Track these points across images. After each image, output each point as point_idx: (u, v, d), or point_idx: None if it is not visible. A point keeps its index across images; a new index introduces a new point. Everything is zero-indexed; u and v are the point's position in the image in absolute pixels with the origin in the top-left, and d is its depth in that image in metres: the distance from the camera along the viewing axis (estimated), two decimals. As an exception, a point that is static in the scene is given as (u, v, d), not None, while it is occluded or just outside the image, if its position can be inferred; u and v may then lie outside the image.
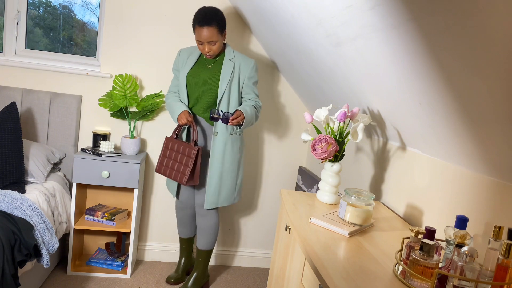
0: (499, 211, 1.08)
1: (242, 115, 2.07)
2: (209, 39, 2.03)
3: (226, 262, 2.88)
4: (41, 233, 1.84)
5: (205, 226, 2.33)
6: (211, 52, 2.09)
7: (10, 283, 1.56)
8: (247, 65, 2.20)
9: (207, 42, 2.05)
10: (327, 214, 1.41)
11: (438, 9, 0.83)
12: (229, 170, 2.25)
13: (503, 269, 0.86)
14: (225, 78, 2.15)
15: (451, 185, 1.30)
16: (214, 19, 2.01)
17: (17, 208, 1.80)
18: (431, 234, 0.98)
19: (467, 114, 1.03)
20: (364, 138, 1.98)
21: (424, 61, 1.03)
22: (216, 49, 2.09)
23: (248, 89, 2.22)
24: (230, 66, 2.16)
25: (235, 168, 2.27)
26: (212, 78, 2.17)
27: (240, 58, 2.20)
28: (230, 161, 2.24)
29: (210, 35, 2.02)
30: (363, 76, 1.49)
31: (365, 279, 0.99)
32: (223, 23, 2.07)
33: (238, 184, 2.34)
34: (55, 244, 1.91)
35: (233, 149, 2.24)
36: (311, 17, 1.49)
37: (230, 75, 2.15)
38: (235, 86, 2.18)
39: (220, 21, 2.05)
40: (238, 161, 2.29)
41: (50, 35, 2.64)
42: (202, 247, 2.37)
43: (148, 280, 2.51)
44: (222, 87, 2.14)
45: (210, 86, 2.17)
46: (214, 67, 2.18)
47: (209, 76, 2.17)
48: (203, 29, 2.01)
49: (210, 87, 2.17)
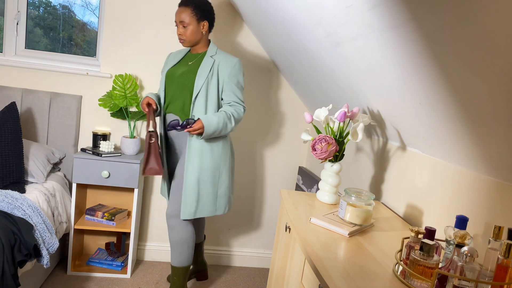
0: (499, 211, 1.08)
1: (202, 128, 1.92)
2: (180, 19, 1.97)
3: (226, 262, 2.88)
4: (41, 233, 1.84)
5: (176, 241, 2.10)
6: (183, 36, 2.01)
7: (10, 283, 1.56)
8: (229, 62, 2.03)
9: (179, 22, 1.99)
10: (327, 214, 1.41)
11: (438, 9, 0.83)
12: (208, 177, 2.03)
13: (503, 269, 0.86)
14: (202, 75, 1.99)
15: (451, 185, 1.30)
16: (193, 2, 1.99)
17: (17, 208, 1.80)
18: (431, 234, 0.98)
19: (467, 114, 1.03)
20: (364, 138, 1.98)
21: (424, 61, 1.03)
22: (190, 35, 2.00)
23: (228, 90, 2.03)
24: (209, 62, 2.02)
25: (215, 175, 2.06)
26: (188, 74, 2.03)
27: (222, 56, 2.05)
28: (208, 167, 2.03)
29: (183, 16, 1.97)
30: (363, 76, 1.49)
31: (365, 279, 0.99)
32: (203, 12, 2.00)
33: (222, 193, 2.10)
34: (55, 244, 1.91)
35: (213, 154, 2.04)
36: (311, 17, 1.49)
37: (209, 72, 2.00)
38: (214, 86, 2.01)
39: (199, 7, 1.99)
40: (219, 167, 2.07)
41: (50, 35, 2.64)
42: (176, 264, 2.14)
43: (148, 280, 2.51)
44: (198, 83, 1.98)
45: (186, 83, 2.02)
46: (194, 64, 2.07)
47: (185, 71, 2.05)
48: (179, 9, 2.00)
49: (186, 84, 2.03)
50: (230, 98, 2.03)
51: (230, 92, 2.03)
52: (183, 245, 2.10)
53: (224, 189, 2.11)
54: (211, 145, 2.04)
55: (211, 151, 2.04)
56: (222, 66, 2.02)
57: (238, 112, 2.02)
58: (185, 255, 2.13)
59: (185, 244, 2.10)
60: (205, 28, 2.04)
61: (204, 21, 2.02)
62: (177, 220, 2.07)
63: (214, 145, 2.05)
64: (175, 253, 2.12)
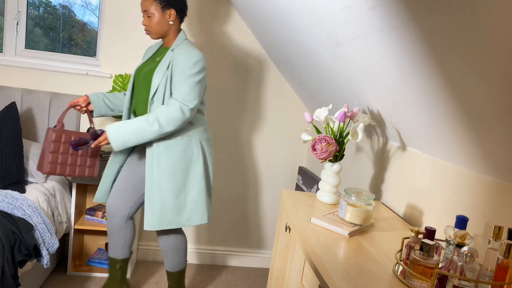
0: (499, 211, 1.08)
1: (106, 140, 1.76)
2: (144, 7, 1.81)
3: (226, 262, 2.88)
4: (41, 233, 1.84)
5: (164, 247, 2.02)
6: (148, 27, 1.83)
7: (10, 283, 1.56)
8: (186, 55, 1.77)
9: (144, 12, 1.82)
10: (327, 214, 1.41)
11: (438, 9, 0.83)
12: (167, 183, 1.81)
13: (503, 269, 0.86)
14: (159, 72, 1.79)
15: (451, 185, 1.30)
16: None
17: (17, 208, 1.80)
18: (431, 234, 0.98)
19: (467, 114, 1.03)
20: (364, 138, 1.98)
21: (424, 61, 1.03)
22: (154, 25, 1.82)
23: (175, 84, 1.77)
24: (169, 57, 1.81)
25: (177, 181, 1.83)
26: (150, 71, 1.85)
27: (183, 49, 1.81)
28: (167, 172, 1.81)
29: (146, 4, 1.80)
30: (363, 76, 1.49)
31: (365, 279, 0.99)
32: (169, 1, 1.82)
33: (190, 201, 1.86)
34: (55, 244, 1.91)
35: (171, 157, 1.81)
36: (311, 17, 1.49)
37: (166, 68, 1.79)
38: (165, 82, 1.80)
39: None
40: (182, 172, 1.84)
41: (50, 35, 2.64)
42: (171, 269, 2.06)
43: (148, 280, 2.51)
44: (154, 83, 1.79)
45: (147, 81, 1.85)
46: (160, 60, 1.88)
47: (149, 69, 1.86)
48: None
49: (147, 82, 1.85)
50: (173, 95, 1.78)
51: (175, 88, 1.77)
52: (172, 251, 2.02)
53: (195, 195, 1.87)
54: (168, 146, 1.82)
55: (169, 153, 1.82)
56: (176, 60, 1.78)
57: (169, 112, 1.74)
58: (178, 260, 2.05)
59: (173, 251, 2.02)
60: (172, 17, 1.83)
61: (170, 9, 1.82)
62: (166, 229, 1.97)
63: (173, 146, 1.83)
64: (166, 259, 2.05)
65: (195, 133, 1.89)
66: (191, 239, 2.82)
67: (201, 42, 2.58)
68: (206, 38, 2.58)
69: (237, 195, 2.82)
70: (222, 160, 2.76)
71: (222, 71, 2.64)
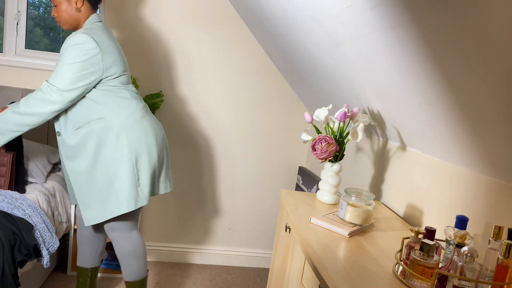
0: (499, 211, 1.08)
1: None
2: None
3: (226, 262, 2.88)
4: (41, 233, 1.84)
5: (118, 253, 1.86)
6: (57, 17, 1.72)
7: (10, 283, 1.56)
8: (68, 39, 1.63)
9: (51, 1, 1.70)
10: (327, 214, 1.41)
11: (437, 9, 0.83)
12: (88, 173, 1.71)
13: (503, 269, 0.86)
14: None
15: (451, 185, 1.30)
16: None
17: (17, 208, 1.80)
18: (431, 234, 0.98)
19: (467, 114, 1.03)
20: (364, 138, 1.98)
21: (423, 61, 1.03)
22: (62, 14, 1.69)
23: None
24: None
25: (98, 170, 1.71)
26: None
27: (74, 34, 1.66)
28: (86, 163, 1.71)
29: None
30: (363, 76, 1.49)
31: (365, 279, 0.99)
32: None
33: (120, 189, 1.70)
34: (55, 243, 1.90)
35: (86, 147, 1.69)
36: (311, 17, 1.49)
37: None
38: None
39: None
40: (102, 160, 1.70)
41: (50, 35, 2.64)
42: (130, 278, 1.88)
43: (148, 280, 2.51)
44: None
45: None
46: None
47: None
48: None
49: None
50: None
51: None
52: (126, 258, 1.85)
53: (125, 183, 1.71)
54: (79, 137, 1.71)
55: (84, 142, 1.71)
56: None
57: (34, 94, 1.63)
58: (135, 268, 1.88)
59: (128, 257, 1.85)
60: (79, 3, 1.69)
61: None
62: (117, 233, 1.83)
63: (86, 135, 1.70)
64: (122, 266, 1.88)
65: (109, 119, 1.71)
66: (192, 239, 2.83)
67: (202, 42, 2.58)
68: (206, 38, 2.58)
69: (237, 195, 2.82)
70: (222, 160, 2.76)
71: (222, 71, 2.64)
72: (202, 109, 2.66)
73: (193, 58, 2.59)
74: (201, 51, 2.59)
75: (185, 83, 2.62)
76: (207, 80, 2.64)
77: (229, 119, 2.71)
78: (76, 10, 1.70)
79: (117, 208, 1.72)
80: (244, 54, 2.63)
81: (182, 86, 2.62)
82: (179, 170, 2.71)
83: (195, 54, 2.59)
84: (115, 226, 1.82)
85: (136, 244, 1.85)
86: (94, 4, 1.75)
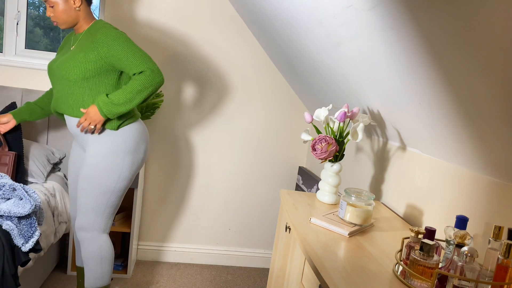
0: (499, 211, 1.08)
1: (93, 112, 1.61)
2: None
3: (226, 262, 2.88)
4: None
5: (84, 255, 1.78)
6: (53, 18, 1.68)
7: (10, 283, 1.56)
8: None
9: (45, 2, 1.66)
10: (327, 214, 1.41)
11: (437, 9, 0.83)
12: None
13: (503, 269, 0.86)
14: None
15: (451, 185, 1.30)
16: None
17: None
18: (431, 234, 0.98)
19: (466, 114, 1.03)
20: (364, 138, 1.98)
21: (423, 61, 1.03)
22: (60, 15, 1.67)
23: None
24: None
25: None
26: (66, 61, 1.68)
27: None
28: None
29: None
30: (363, 76, 1.49)
31: (365, 279, 0.99)
32: None
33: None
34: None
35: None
36: (311, 17, 1.49)
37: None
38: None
39: None
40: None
41: (50, 35, 2.64)
42: (88, 284, 1.78)
43: (148, 280, 2.51)
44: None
45: (64, 73, 1.67)
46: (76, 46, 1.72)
47: (64, 59, 1.70)
48: None
49: (64, 73, 1.67)
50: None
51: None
52: (91, 260, 1.77)
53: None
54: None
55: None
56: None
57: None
58: (97, 273, 1.78)
59: (93, 259, 1.77)
60: (77, 2, 1.68)
61: None
62: (87, 233, 1.76)
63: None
64: (85, 270, 1.79)
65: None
66: (191, 239, 2.83)
67: (202, 43, 2.58)
68: (207, 39, 2.58)
69: (237, 195, 2.82)
70: (222, 160, 2.76)
71: (222, 71, 2.64)
72: (201, 110, 2.67)
73: (193, 58, 2.59)
74: (201, 51, 2.59)
75: (185, 83, 2.62)
76: (207, 80, 2.64)
77: (229, 119, 2.71)
78: (74, 9, 1.70)
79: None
80: (244, 54, 2.63)
81: (181, 86, 2.62)
82: (179, 170, 2.72)
83: (195, 54, 2.59)
84: (86, 226, 1.75)
85: (104, 248, 1.78)
86: (90, 1, 1.77)
